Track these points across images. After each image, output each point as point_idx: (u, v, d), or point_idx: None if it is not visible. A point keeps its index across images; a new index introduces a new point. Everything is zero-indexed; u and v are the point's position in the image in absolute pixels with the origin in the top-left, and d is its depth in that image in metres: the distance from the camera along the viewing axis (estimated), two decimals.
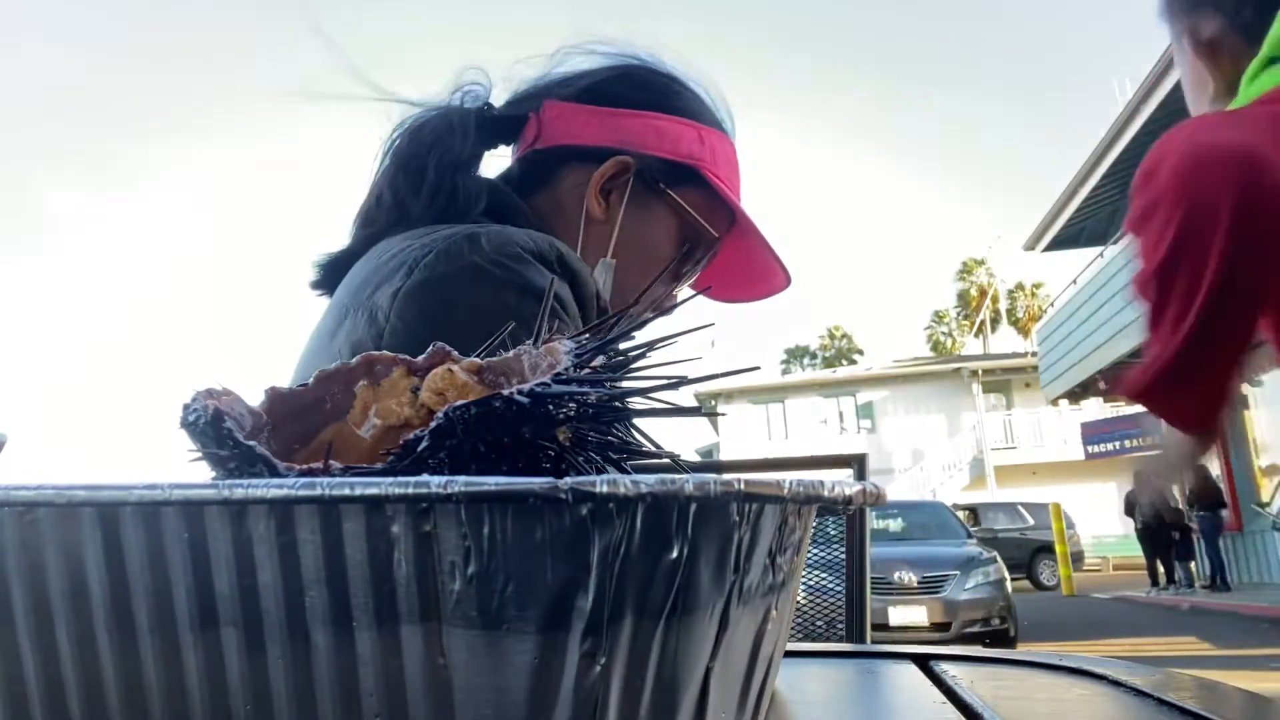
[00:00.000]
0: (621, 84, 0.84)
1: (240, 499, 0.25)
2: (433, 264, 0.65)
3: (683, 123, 0.83)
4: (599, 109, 0.82)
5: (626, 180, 0.82)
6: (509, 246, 0.66)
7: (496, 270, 0.65)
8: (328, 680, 0.25)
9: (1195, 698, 0.40)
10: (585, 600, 0.24)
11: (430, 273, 0.65)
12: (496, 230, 0.68)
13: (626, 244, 0.83)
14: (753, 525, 0.27)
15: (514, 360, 0.34)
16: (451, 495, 0.23)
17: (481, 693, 0.24)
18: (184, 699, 0.26)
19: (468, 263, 0.65)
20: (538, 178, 0.84)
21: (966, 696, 0.43)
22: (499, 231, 0.68)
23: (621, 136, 0.82)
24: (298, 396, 0.35)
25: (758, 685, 0.31)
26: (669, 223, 0.84)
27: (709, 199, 0.84)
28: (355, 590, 0.25)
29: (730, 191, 0.85)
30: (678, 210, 0.84)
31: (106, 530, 0.27)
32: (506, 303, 0.63)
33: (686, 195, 0.83)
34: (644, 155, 0.82)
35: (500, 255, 0.65)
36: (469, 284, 0.64)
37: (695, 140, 0.83)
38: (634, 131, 0.82)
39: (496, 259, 0.65)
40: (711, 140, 0.85)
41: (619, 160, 0.81)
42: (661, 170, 0.82)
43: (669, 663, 0.25)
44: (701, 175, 0.83)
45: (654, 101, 0.83)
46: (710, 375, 0.34)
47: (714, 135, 0.85)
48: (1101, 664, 0.52)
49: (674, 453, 0.37)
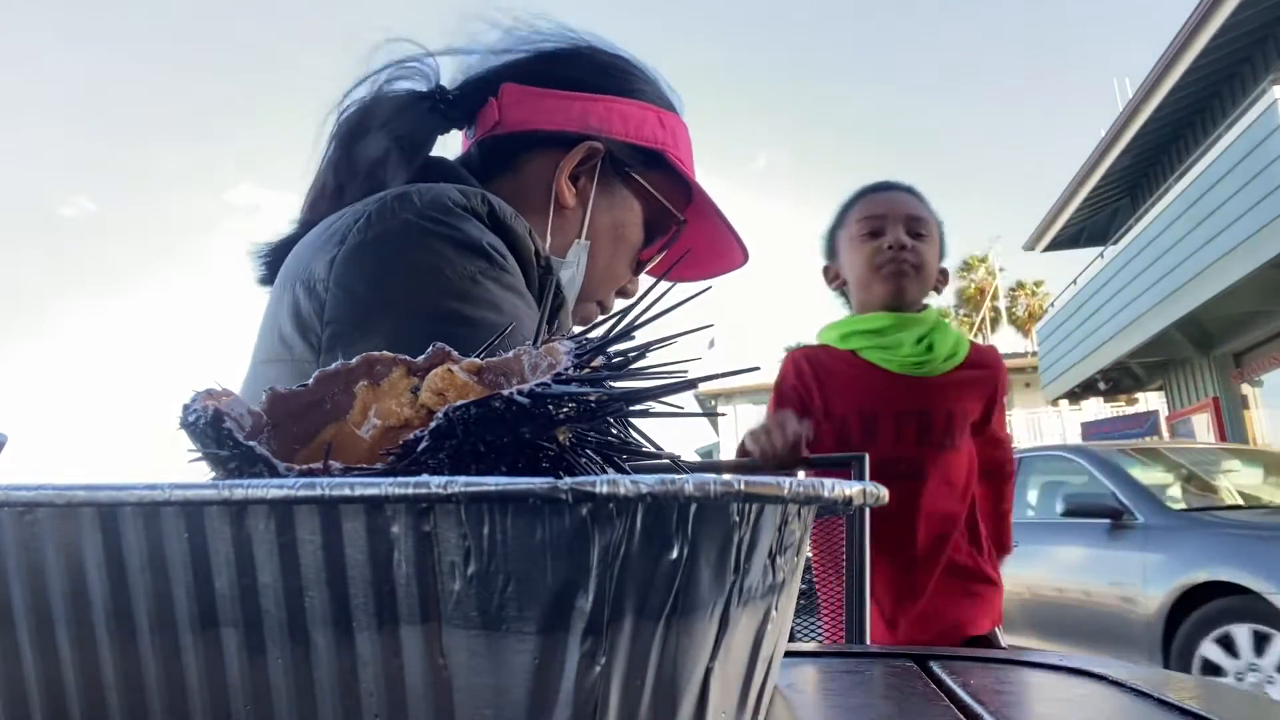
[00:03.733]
0: (581, 67, 0.83)
1: (240, 499, 0.25)
2: (365, 227, 0.65)
3: (644, 107, 0.84)
4: (562, 94, 0.81)
5: (595, 165, 0.82)
6: (440, 200, 0.65)
7: (429, 225, 0.64)
8: (328, 680, 0.25)
9: (1195, 698, 0.40)
10: (585, 600, 0.24)
11: (364, 235, 0.64)
12: (426, 187, 0.68)
13: (596, 228, 0.83)
14: (753, 525, 0.27)
15: (514, 360, 0.34)
16: (451, 495, 0.23)
17: (481, 693, 0.24)
18: (184, 699, 0.26)
19: (399, 220, 0.64)
20: (499, 163, 0.82)
21: (966, 697, 0.43)
22: (429, 188, 0.67)
23: (588, 121, 0.81)
24: (298, 397, 0.35)
25: (758, 685, 0.31)
26: (635, 206, 0.85)
27: (670, 181, 0.85)
28: (355, 590, 0.25)
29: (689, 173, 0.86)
30: (644, 194, 0.84)
31: (106, 530, 0.27)
32: (444, 254, 0.63)
33: (651, 179, 0.84)
34: (611, 140, 0.81)
35: (432, 210, 0.65)
36: (404, 241, 0.63)
37: (657, 124, 0.84)
38: (599, 116, 0.81)
39: (428, 214, 0.64)
40: (670, 123, 0.85)
41: (588, 145, 0.80)
42: (628, 155, 0.82)
43: (669, 663, 0.25)
44: (665, 159, 0.84)
45: (614, 85, 0.83)
46: (710, 375, 0.34)
47: (671, 118, 0.86)
48: (1101, 664, 0.52)
49: (674, 453, 0.37)
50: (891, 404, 1.51)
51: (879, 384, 1.53)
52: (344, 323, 0.62)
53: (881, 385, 1.53)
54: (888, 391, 1.53)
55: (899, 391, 1.52)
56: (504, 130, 0.81)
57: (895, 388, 1.53)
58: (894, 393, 1.52)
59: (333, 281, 0.63)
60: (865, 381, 1.54)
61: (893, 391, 1.53)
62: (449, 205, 0.65)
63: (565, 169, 0.80)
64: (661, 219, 0.86)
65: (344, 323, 0.62)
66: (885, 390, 1.53)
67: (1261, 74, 8.87)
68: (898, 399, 1.52)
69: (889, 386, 1.53)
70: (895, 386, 1.53)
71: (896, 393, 1.52)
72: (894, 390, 1.53)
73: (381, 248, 0.63)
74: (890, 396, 1.52)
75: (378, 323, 0.61)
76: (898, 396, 1.52)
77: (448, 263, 0.62)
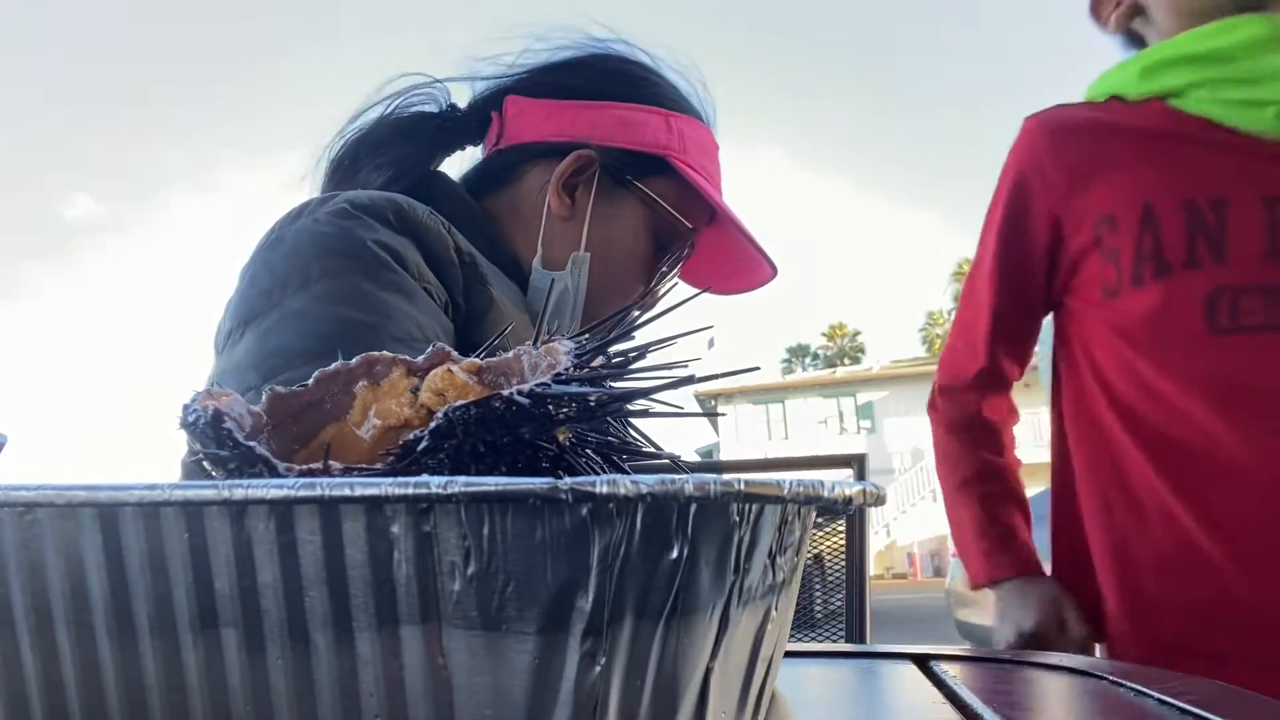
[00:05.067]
0: (581, 75, 0.81)
1: (240, 499, 0.25)
2: (267, 234, 0.67)
3: (649, 110, 0.79)
4: (559, 103, 0.79)
5: (592, 175, 0.79)
6: (335, 206, 0.66)
7: (321, 226, 0.64)
8: (327, 680, 0.25)
9: (1195, 698, 0.40)
10: (585, 600, 0.24)
11: (262, 241, 0.66)
12: (331, 195, 0.68)
13: (595, 240, 0.79)
14: (753, 525, 0.27)
15: (514, 360, 0.34)
16: (451, 495, 0.23)
17: (481, 693, 0.24)
18: (184, 699, 0.26)
19: (296, 224, 0.65)
20: (500, 177, 0.81)
21: (966, 696, 0.43)
22: (331, 195, 0.68)
23: (582, 129, 0.78)
24: (297, 397, 0.35)
25: (758, 685, 0.31)
26: (640, 216, 0.80)
27: (682, 190, 0.80)
28: (355, 591, 0.25)
29: (706, 180, 0.81)
30: (649, 203, 0.80)
31: (106, 530, 0.27)
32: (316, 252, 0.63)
33: (657, 186, 0.80)
34: (607, 148, 0.78)
35: (326, 212, 0.65)
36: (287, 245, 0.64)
37: (662, 128, 0.79)
38: (595, 123, 0.78)
39: (320, 216, 0.65)
40: (681, 127, 0.80)
41: (579, 155, 0.78)
42: (627, 162, 0.79)
43: (669, 663, 0.25)
44: (672, 165, 0.79)
45: (617, 90, 0.80)
46: (710, 375, 0.34)
47: (685, 122, 0.81)
48: (1101, 664, 0.52)
49: (674, 453, 0.37)
50: (1260, 185, 0.83)
51: (1228, 154, 0.84)
52: (228, 326, 0.63)
53: (1234, 155, 0.84)
54: (1247, 165, 0.84)
55: (1269, 166, 0.83)
56: (505, 143, 0.81)
57: (1260, 159, 0.83)
58: (1260, 168, 0.83)
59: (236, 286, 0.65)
60: (1196, 151, 0.85)
61: (1257, 165, 0.84)
62: (346, 209, 0.65)
63: (557, 179, 0.78)
64: (672, 228, 0.81)
65: (228, 326, 0.63)
66: (1242, 164, 0.84)
67: None
68: (1271, 178, 0.83)
69: (1249, 157, 0.84)
70: (1260, 158, 0.83)
71: (1266, 168, 0.83)
72: (1259, 163, 0.83)
73: (265, 252, 0.65)
74: (1254, 173, 0.83)
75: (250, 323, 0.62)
76: (1270, 174, 0.83)
77: (318, 262, 0.62)
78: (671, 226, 0.82)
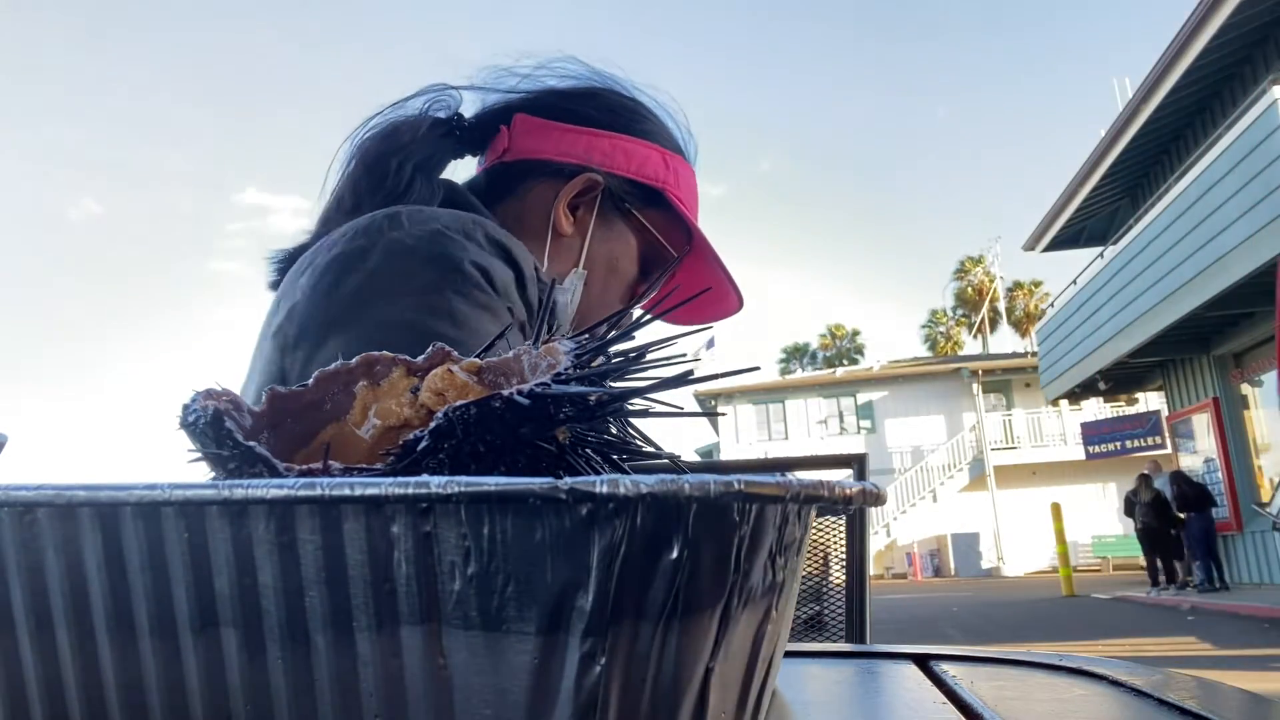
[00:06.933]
0: (591, 105, 0.86)
1: (240, 499, 0.25)
2: (347, 241, 0.67)
3: (650, 146, 0.87)
4: (570, 127, 0.84)
5: (595, 197, 0.84)
6: (429, 223, 0.67)
7: (409, 242, 0.65)
8: (328, 680, 0.25)
9: (1195, 698, 0.40)
10: (585, 600, 0.24)
11: (342, 249, 0.66)
12: (417, 210, 0.69)
13: (592, 258, 0.85)
14: (753, 525, 0.27)
15: (513, 361, 0.34)
16: (451, 495, 0.23)
17: (481, 693, 0.24)
18: (184, 699, 0.26)
19: (383, 237, 0.66)
20: (504, 188, 0.85)
21: (966, 696, 0.43)
22: (419, 210, 0.69)
23: (591, 155, 0.84)
24: (298, 397, 0.35)
25: (758, 685, 0.31)
26: (632, 241, 0.87)
27: (669, 221, 0.88)
28: (355, 591, 0.25)
29: (690, 215, 0.89)
30: (641, 230, 0.87)
31: (106, 530, 0.27)
32: (411, 269, 0.64)
33: (650, 216, 0.87)
34: (612, 175, 0.84)
35: (415, 229, 0.66)
36: (378, 255, 0.65)
37: (660, 164, 0.87)
38: (603, 151, 0.84)
39: (412, 232, 0.66)
40: (675, 165, 0.88)
41: (588, 177, 0.83)
42: (628, 190, 0.85)
43: (669, 663, 0.25)
44: (665, 198, 0.86)
45: (622, 124, 0.86)
46: (710, 375, 0.34)
47: (677, 160, 0.89)
48: (1101, 664, 0.52)
49: (674, 453, 0.37)
50: None
51: None
52: (305, 328, 0.63)
53: None
54: None
55: None
56: (511, 157, 0.85)
57: None
58: None
59: (307, 287, 0.65)
60: None
61: None
62: (438, 229, 0.66)
63: (564, 198, 0.83)
64: (658, 256, 0.89)
65: (305, 328, 0.63)
66: None
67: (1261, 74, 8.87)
68: None
69: None
70: None
71: None
72: None
73: (352, 259, 0.65)
74: None
75: (336, 329, 0.62)
76: None
77: (413, 276, 0.63)
78: (658, 254, 0.89)
